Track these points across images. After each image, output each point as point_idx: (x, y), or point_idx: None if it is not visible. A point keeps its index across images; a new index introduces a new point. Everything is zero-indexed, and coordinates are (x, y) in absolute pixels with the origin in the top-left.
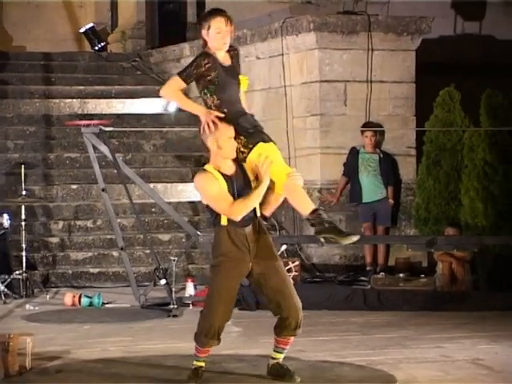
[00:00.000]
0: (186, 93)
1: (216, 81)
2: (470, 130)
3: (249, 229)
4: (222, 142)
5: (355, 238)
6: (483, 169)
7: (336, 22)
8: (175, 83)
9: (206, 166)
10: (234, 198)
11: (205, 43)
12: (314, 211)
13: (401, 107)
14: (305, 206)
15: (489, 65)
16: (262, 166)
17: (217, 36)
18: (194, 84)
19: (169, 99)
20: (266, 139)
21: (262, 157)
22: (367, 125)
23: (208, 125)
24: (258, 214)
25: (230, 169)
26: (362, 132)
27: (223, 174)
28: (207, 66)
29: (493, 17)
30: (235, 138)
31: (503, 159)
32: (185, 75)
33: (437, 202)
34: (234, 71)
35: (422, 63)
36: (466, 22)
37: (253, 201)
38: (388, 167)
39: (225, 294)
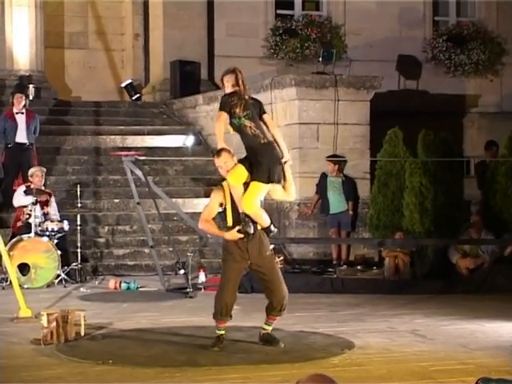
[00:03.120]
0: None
1: None
2: (410, 160)
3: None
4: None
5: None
6: (419, 189)
7: (311, 79)
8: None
9: (224, 182)
10: (233, 210)
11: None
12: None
13: (359, 143)
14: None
15: (424, 112)
16: None
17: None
18: None
19: None
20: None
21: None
22: (331, 156)
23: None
24: (259, 228)
25: (239, 188)
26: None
27: (231, 191)
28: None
29: (426, 77)
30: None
31: (434, 182)
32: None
33: (385, 213)
34: None
35: (374, 110)
36: (406, 80)
37: (212, 232)
38: (349, 187)
39: (230, 282)
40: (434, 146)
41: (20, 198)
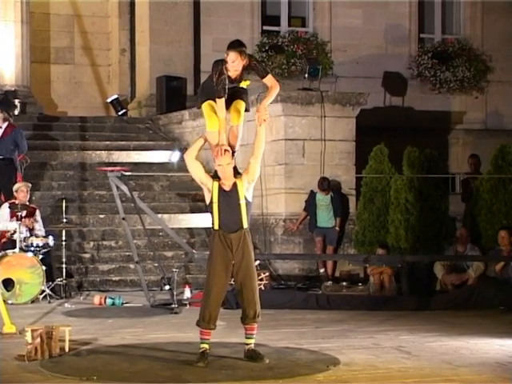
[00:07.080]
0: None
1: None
2: (395, 177)
3: (234, 235)
4: (216, 167)
5: None
6: (405, 205)
7: (297, 95)
8: (220, 103)
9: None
10: (219, 207)
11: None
12: None
13: (345, 159)
14: None
15: (409, 128)
16: None
17: (230, 64)
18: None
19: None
20: None
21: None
22: (323, 180)
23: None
24: (245, 226)
25: (229, 186)
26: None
27: (221, 188)
28: (221, 70)
29: (412, 93)
30: None
31: (419, 198)
32: (222, 93)
33: (371, 229)
34: (235, 88)
35: (360, 127)
36: (392, 96)
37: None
38: (338, 203)
39: (214, 286)
40: (419, 162)
41: (5, 223)
